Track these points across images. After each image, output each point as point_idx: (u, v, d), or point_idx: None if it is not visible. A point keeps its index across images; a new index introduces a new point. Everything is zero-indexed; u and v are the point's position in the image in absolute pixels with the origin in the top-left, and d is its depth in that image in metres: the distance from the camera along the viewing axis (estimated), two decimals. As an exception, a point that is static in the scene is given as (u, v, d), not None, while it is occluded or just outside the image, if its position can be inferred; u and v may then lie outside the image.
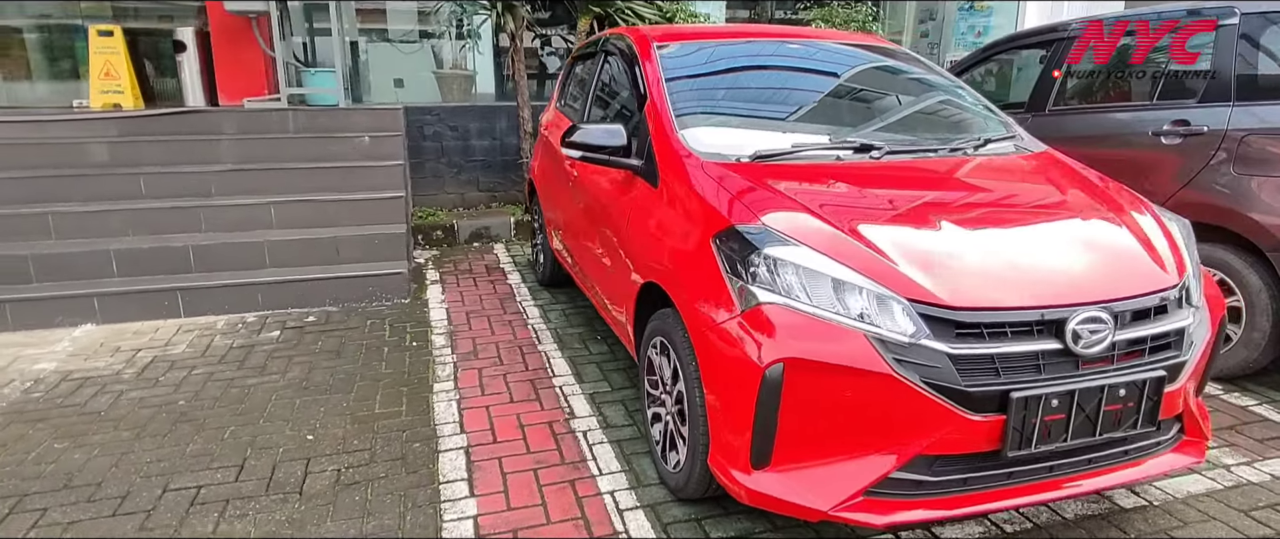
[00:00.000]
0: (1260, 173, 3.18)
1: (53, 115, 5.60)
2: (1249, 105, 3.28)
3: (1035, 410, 1.85)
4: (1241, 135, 3.25)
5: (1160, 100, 3.69)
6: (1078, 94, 4.19)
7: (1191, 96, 3.53)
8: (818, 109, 2.99)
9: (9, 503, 2.44)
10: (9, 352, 3.79)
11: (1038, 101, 4.31)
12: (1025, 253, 2.08)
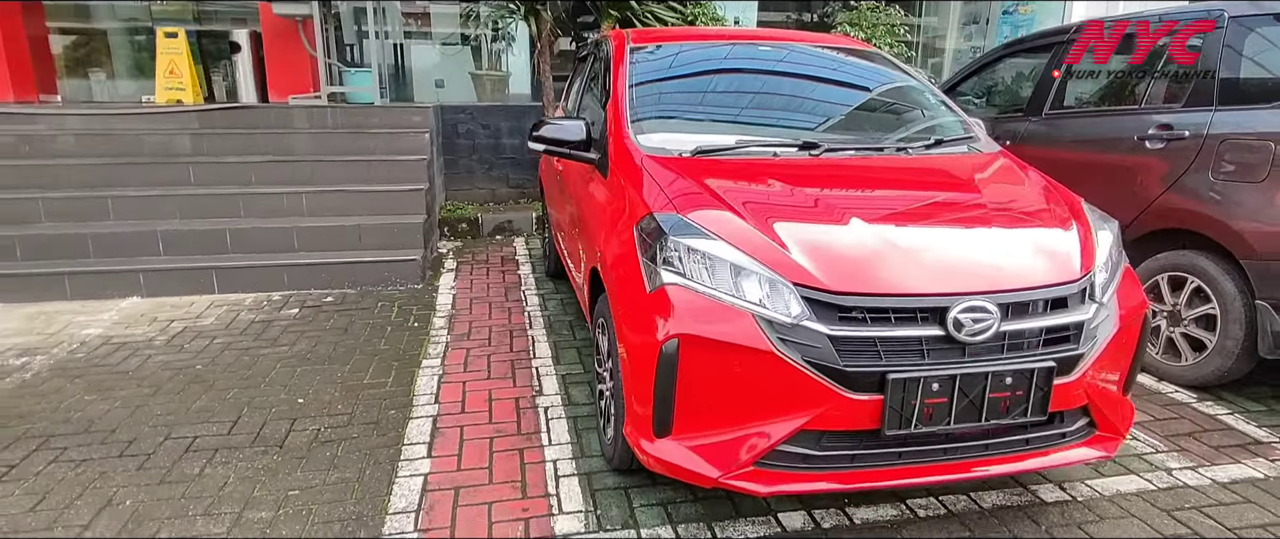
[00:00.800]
0: (1236, 179, 3.13)
1: (122, 110, 6.18)
2: (1229, 110, 3.23)
3: (914, 392, 1.95)
4: (1220, 140, 3.20)
5: (1148, 104, 3.65)
6: (1073, 98, 4.15)
7: (1177, 101, 3.48)
8: (776, 108, 3.11)
9: (37, 442, 2.81)
10: (64, 317, 4.26)
11: (1035, 105, 4.29)
12: (923, 246, 2.17)
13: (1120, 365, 2.28)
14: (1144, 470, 2.67)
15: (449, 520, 2.33)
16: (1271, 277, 2.97)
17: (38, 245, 4.78)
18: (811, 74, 3.37)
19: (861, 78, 3.38)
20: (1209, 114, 3.29)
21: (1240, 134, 3.14)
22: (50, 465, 2.65)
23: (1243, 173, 3.10)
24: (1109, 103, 3.95)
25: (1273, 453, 2.80)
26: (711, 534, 2.27)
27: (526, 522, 2.33)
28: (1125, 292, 2.30)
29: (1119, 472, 2.66)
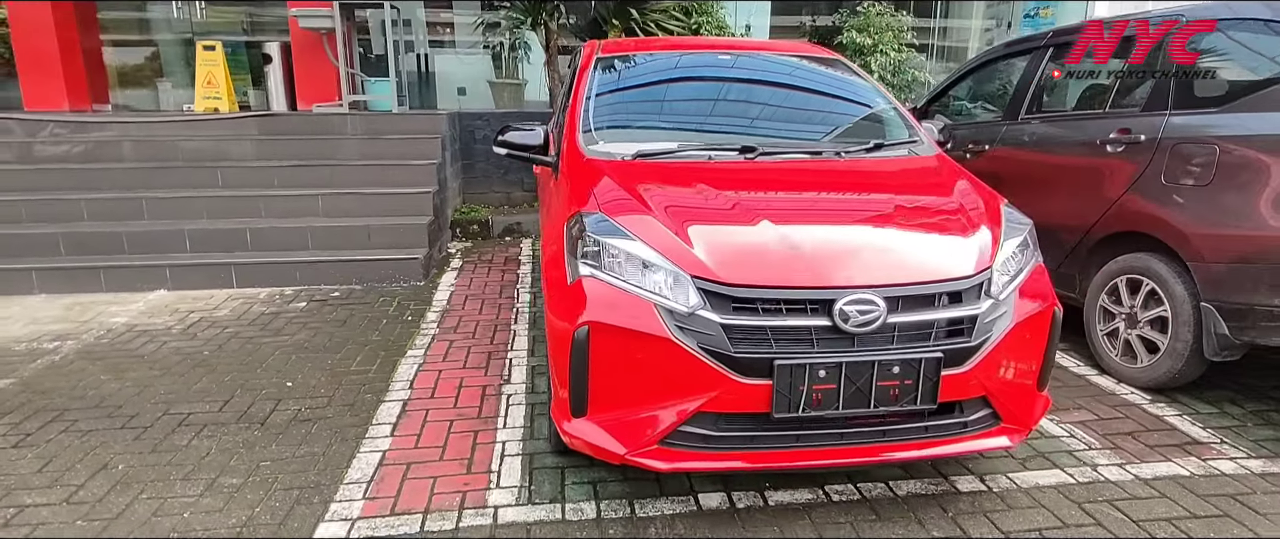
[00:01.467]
0: (1184, 181, 3.16)
1: (163, 118, 6.67)
2: (1182, 114, 3.26)
3: (801, 378, 2.09)
4: (1172, 144, 3.23)
5: (1112, 108, 3.68)
6: (1045, 102, 4.18)
7: (1137, 105, 3.51)
8: (727, 115, 3.27)
9: (53, 415, 3.15)
10: (96, 307, 4.67)
11: (1012, 110, 4.34)
12: (823, 243, 2.30)
13: (1027, 360, 2.37)
14: (1069, 465, 2.73)
15: (395, 491, 2.55)
16: (1215, 279, 3.00)
17: (79, 241, 5.22)
18: (770, 81, 3.52)
19: (816, 85, 3.52)
20: (1164, 118, 3.31)
21: (1188, 138, 3.17)
22: (60, 434, 2.97)
23: (1190, 176, 3.13)
24: (1076, 107, 3.98)
25: (1207, 453, 2.83)
26: (631, 511, 2.44)
27: (464, 494, 2.54)
28: (1032, 290, 2.39)
29: (1044, 466, 2.73)
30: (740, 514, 2.42)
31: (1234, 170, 2.97)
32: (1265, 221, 2.84)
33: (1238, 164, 2.96)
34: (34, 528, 2.34)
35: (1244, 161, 2.94)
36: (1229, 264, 2.95)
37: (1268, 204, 2.84)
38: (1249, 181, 2.92)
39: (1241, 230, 2.91)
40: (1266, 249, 2.83)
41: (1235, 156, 2.96)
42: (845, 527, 2.35)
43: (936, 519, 2.39)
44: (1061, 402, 3.27)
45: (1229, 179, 2.98)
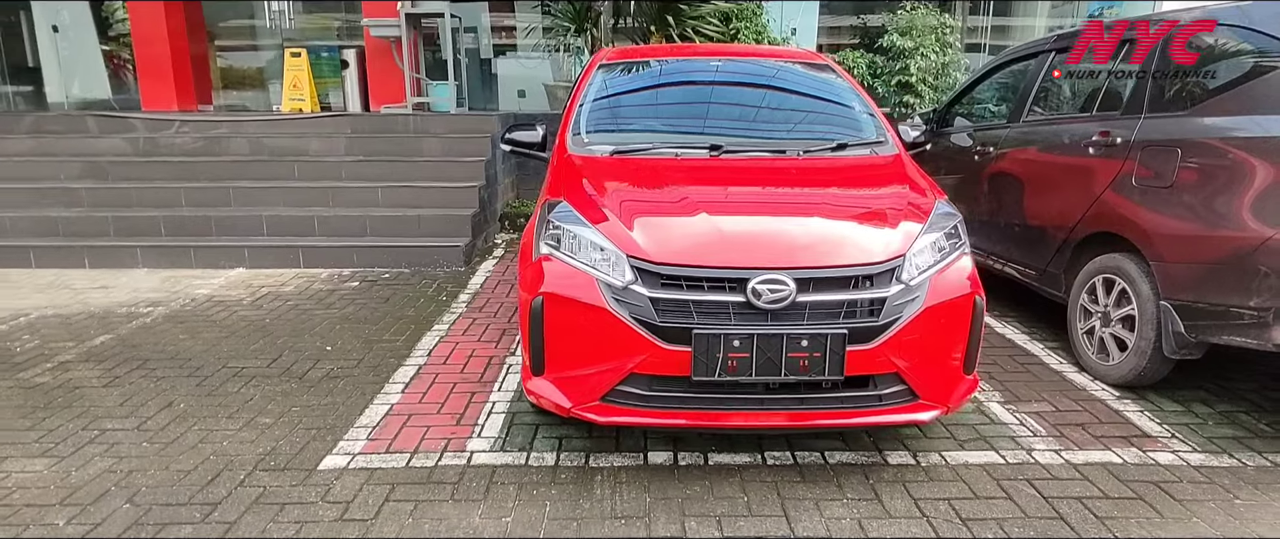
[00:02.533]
0: (1149, 184, 3.23)
1: (255, 117, 7.50)
2: (1154, 117, 3.32)
3: (717, 346, 2.38)
4: (1142, 146, 3.30)
5: (1099, 112, 3.74)
6: (1044, 104, 4.25)
7: (1118, 108, 3.58)
8: (707, 115, 3.57)
9: (137, 363, 3.79)
10: (185, 282, 5.41)
11: (1016, 112, 4.42)
12: (749, 231, 2.59)
13: (945, 343, 2.57)
14: (1006, 448, 2.89)
15: (393, 435, 3.00)
16: (1173, 279, 3.07)
17: (177, 224, 6.03)
18: (756, 85, 3.80)
19: (799, 88, 3.76)
20: (1138, 120, 3.38)
21: (1154, 140, 3.23)
22: (140, 378, 3.60)
23: (1154, 178, 3.20)
24: (1069, 110, 4.04)
25: (1151, 445, 2.92)
26: (585, 461, 2.79)
27: (449, 440, 2.96)
28: (952, 278, 2.59)
29: (980, 447, 2.90)
30: (680, 471, 2.73)
31: (1189, 173, 3.03)
32: (1212, 223, 2.90)
33: (1193, 167, 3.02)
34: (110, 446, 2.91)
35: (1197, 165, 3.01)
36: (1184, 264, 3.02)
37: (1214, 206, 2.91)
38: (1199, 184, 2.98)
39: (1193, 231, 2.98)
40: (1213, 249, 2.89)
41: (1190, 159, 3.03)
42: (770, 487, 2.62)
43: (856, 485, 2.63)
44: (1026, 394, 3.39)
45: (1185, 181, 3.05)
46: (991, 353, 3.91)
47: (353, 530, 2.36)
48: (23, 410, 3.24)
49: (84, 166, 6.65)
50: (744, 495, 2.55)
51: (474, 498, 2.55)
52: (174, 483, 2.64)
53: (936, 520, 2.41)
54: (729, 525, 2.38)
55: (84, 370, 3.70)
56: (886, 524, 2.39)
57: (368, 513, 2.45)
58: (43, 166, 6.72)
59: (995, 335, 4.20)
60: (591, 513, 2.45)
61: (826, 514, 2.45)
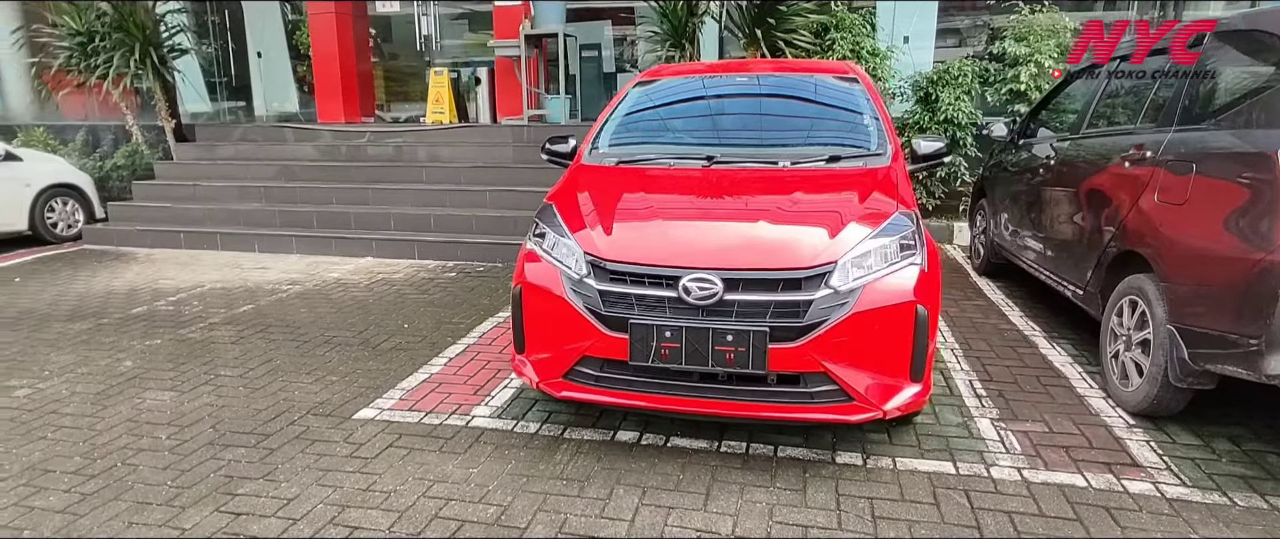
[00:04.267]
0: (1166, 201, 3.03)
1: (402, 129, 8.65)
2: (1182, 130, 3.10)
3: (651, 336, 2.67)
4: (1168, 161, 3.10)
5: (1141, 123, 3.52)
6: (1100, 117, 4.01)
7: (1154, 121, 3.36)
8: (718, 128, 3.81)
9: (261, 328, 4.71)
10: (323, 267, 6.46)
11: (1077, 123, 4.21)
12: (690, 234, 2.84)
13: (881, 348, 2.67)
14: (967, 461, 2.88)
15: (419, 398, 3.56)
16: (1178, 300, 2.88)
17: (326, 218, 7.17)
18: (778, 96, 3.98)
19: (817, 100, 3.88)
20: (1168, 134, 3.17)
21: (1177, 154, 3.03)
22: (258, 340, 4.48)
23: (1171, 195, 3.01)
24: (1119, 120, 3.79)
25: (1132, 474, 2.77)
26: (561, 433, 3.18)
27: (460, 406, 3.47)
28: (894, 286, 2.67)
29: (939, 457, 2.91)
30: (637, 449, 3.02)
31: (1200, 189, 2.83)
32: (1211, 242, 2.71)
33: (1205, 182, 2.82)
34: (217, 388, 3.73)
35: (1206, 180, 2.80)
36: (1188, 285, 2.83)
37: (1215, 224, 2.71)
38: (1206, 201, 2.78)
39: (1195, 250, 2.79)
40: (1211, 271, 2.70)
41: (1202, 175, 2.83)
42: (708, 470, 2.84)
43: (790, 477, 2.78)
44: (1027, 413, 3.29)
45: (1196, 198, 2.85)
46: (1020, 372, 3.77)
47: (354, 465, 2.91)
48: (172, 358, 4.20)
49: (267, 169, 8.07)
50: (680, 474, 2.81)
51: (456, 452, 3.02)
52: (247, 417, 3.37)
53: (847, 515, 2.52)
54: (650, 496, 2.66)
55: (223, 331, 4.67)
56: (795, 512, 2.55)
57: (371, 453, 3.01)
58: (235, 168, 8.23)
59: (1035, 356, 4.02)
60: (542, 473, 2.83)
61: (745, 497, 2.64)
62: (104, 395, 3.65)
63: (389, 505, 2.62)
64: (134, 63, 8.18)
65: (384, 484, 2.77)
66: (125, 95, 8.63)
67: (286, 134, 8.69)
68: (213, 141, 8.88)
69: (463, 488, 2.73)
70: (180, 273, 6.34)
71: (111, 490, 2.76)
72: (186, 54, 9.31)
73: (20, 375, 3.95)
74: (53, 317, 5.06)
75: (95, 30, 8.24)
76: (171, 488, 2.77)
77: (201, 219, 7.43)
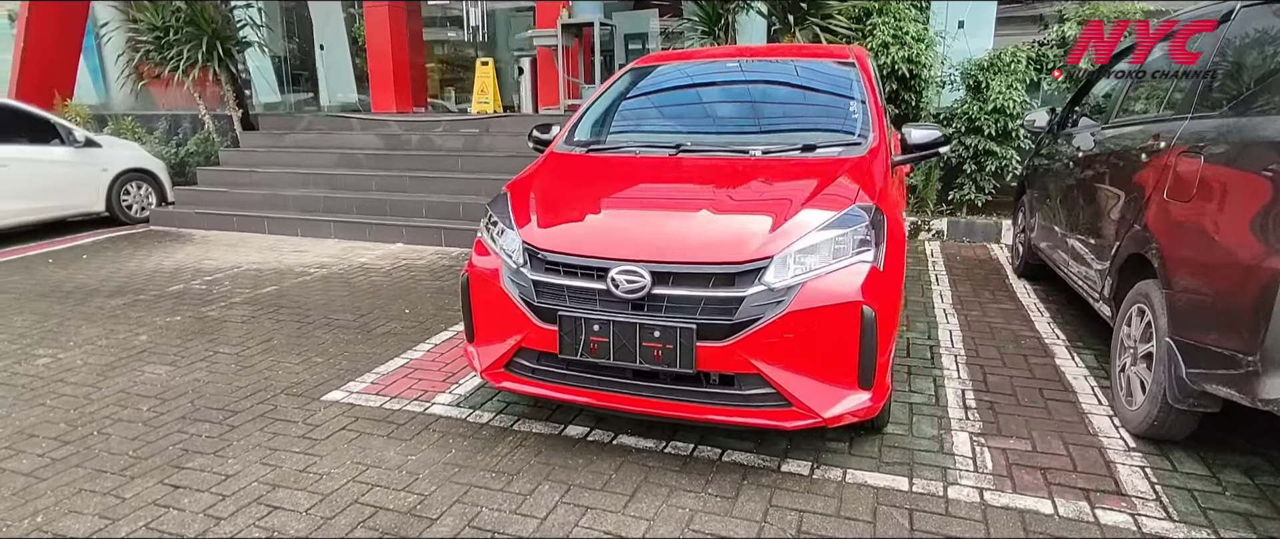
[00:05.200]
0: (1173, 197, 2.68)
1: (445, 118, 8.83)
2: (1197, 118, 2.73)
3: (580, 329, 2.57)
4: (1181, 151, 2.74)
5: (1163, 111, 3.13)
6: (1129, 107, 3.60)
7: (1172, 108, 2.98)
8: (699, 115, 3.66)
9: (274, 309, 4.89)
10: (355, 252, 6.67)
11: (1106, 113, 3.81)
12: (625, 225, 2.72)
13: (824, 351, 2.48)
14: (925, 477, 2.65)
15: (390, 383, 3.60)
16: (1179, 310, 2.54)
17: (364, 205, 7.40)
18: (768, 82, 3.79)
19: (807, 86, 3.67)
20: (1184, 121, 2.81)
21: (1187, 145, 2.67)
22: (267, 320, 4.66)
23: (1180, 190, 2.66)
24: (1135, 112, 3.39)
25: (1111, 502, 2.47)
26: (511, 425, 3.13)
27: (425, 393, 3.47)
28: (835, 285, 2.47)
29: (896, 472, 2.69)
30: (580, 445, 2.94)
31: (1208, 182, 2.49)
32: (1215, 243, 2.37)
33: (1212, 174, 2.47)
34: (211, 365, 3.89)
35: (1215, 172, 2.45)
36: (1189, 294, 2.50)
37: (1220, 222, 2.36)
38: (1212, 195, 2.43)
39: (1196, 254, 2.45)
40: (1214, 276, 2.36)
41: (1213, 165, 2.48)
42: (642, 470, 2.73)
43: (724, 484, 2.63)
44: (1014, 429, 3.01)
45: (1202, 192, 2.50)
46: (1023, 383, 3.46)
47: (301, 446, 2.96)
48: (183, 333, 4.42)
49: (317, 157, 8.41)
50: (613, 473, 2.71)
51: (403, 438, 3.03)
52: (225, 394, 3.50)
53: (770, 527, 2.36)
54: (572, 494, 2.57)
55: (239, 310, 4.88)
56: (715, 521, 2.40)
57: (322, 435, 3.06)
58: (288, 156, 8.61)
59: (1048, 367, 3.67)
60: (476, 464, 2.79)
61: (670, 502, 2.52)
62: (110, 367, 3.87)
63: (316, 487, 2.65)
64: (201, 56, 8.67)
65: (321, 467, 2.80)
66: (198, 86, 9.18)
67: (348, 123, 9.03)
68: (275, 131, 9.33)
69: (392, 475, 2.73)
70: (225, 254, 6.68)
71: (77, 457, 2.90)
72: (251, 47, 9.79)
73: (48, 345, 4.24)
74: (99, 291, 5.43)
75: (170, 25, 8.78)
76: (130, 458, 2.89)
77: (253, 204, 7.82)
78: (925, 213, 7.05)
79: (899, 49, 6.60)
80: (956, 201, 7.14)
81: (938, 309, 4.65)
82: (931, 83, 6.96)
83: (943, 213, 7.08)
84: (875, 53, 6.63)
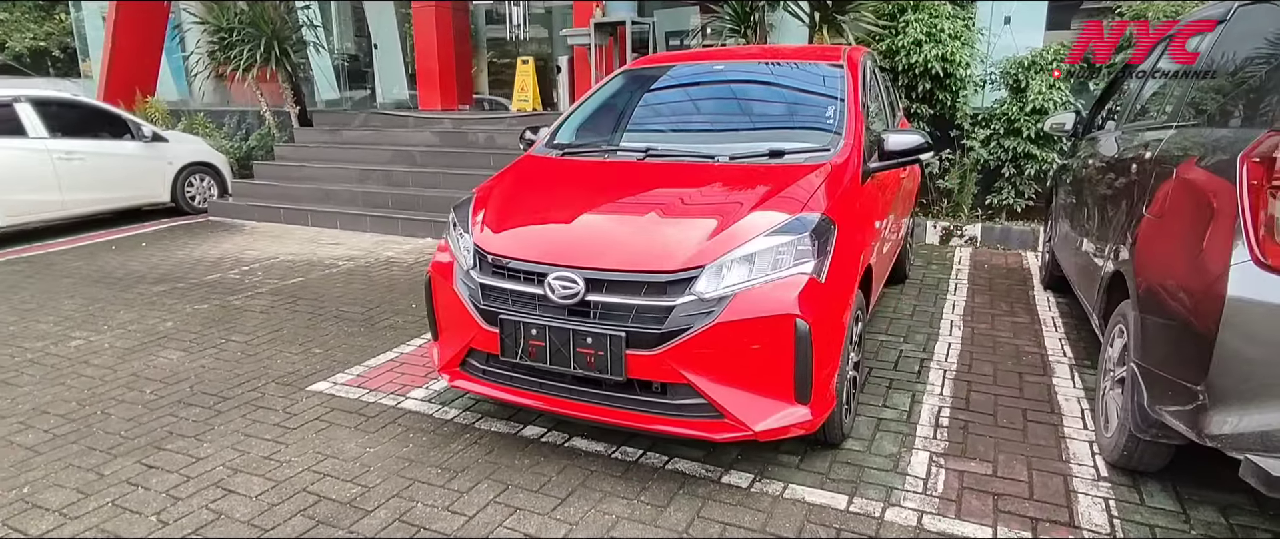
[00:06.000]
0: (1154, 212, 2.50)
1: (485, 115, 9.04)
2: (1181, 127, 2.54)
3: (519, 332, 2.61)
4: (1161, 163, 2.55)
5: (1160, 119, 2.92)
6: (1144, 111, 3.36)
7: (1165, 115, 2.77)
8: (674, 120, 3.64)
9: (293, 300, 5.14)
10: (385, 246, 6.92)
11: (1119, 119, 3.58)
12: (568, 231, 2.72)
13: (756, 363, 2.44)
14: (868, 495, 2.57)
15: (373, 376, 3.74)
16: (1146, 333, 2.37)
17: (400, 201, 7.67)
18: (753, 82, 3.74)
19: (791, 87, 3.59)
20: (1169, 131, 2.61)
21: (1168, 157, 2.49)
22: (283, 310, 4.90)
23: (1157, 205, 2.47)
24: (1147, 115, 3.16)
25: (1056, 533, 2.34)
26: (474, 422, 3.20)
27: (403, 387, 3.59)
28: (769, 297, 2.42)
29: (840, 489, 2.62)
30: (532, 446, 2.98)
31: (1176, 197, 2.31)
32: (1174, 262, 2.20)
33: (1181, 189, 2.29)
34: (219, 352, 4.14)
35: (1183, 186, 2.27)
36: (1152, 315, 2.33)
37: (1181, 240, 2.19)
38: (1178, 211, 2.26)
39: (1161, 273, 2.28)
40: (1170, 298, 2.19)
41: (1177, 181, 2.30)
42: (583, 474, 2.75)
43: (659, 492, 2.61)
44: (980, 451, 2.87)
45: (1171, 207, 2.32)
46: (1008, 403, 3.29)
47: (272, 434, 3.12)
48: (205, 321, 4.70)
49: (364, 153, 8.75)
50: (555, 476, 2.74)
51: (368, 430, 3.14)
52: (222, 379, 3.71)
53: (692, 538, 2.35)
54: (507, 494, 2.62)
55: (261, 300, 5.15)
56: (638, 528, 2.40)
57: (295, 424, 3.21)
58: (337, 151, 8.99)
59: (1041, 386, 3.48)
60: (427, 460, 2.88)
61: (599, 507, 2.53)
62: (131, 351, 4.16)
63: (272, 474, 2.79)
64: (261, 55, 9.15)
65: (284, 455, 2.94)
66: (259, 83, 9.69)
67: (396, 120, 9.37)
68: (328, 127, 9.76)
69: (346, 466, 2.84)
70: (267, 245, 7.06)
71: (76, 434, 3.15)
72: (307, 47, 10.26)
73: (86, 328, 4.60)
74: (145, 278, 5.83)
75: (232, 26, 9.30)
76: (120, 437, 3.11)
77: (300, 197, 8.21)
78: (959, 218, 6.77)
79: (932, 47, 6.35)
80: (995, 206, 6.82)
81: (944, 320, 4.47)
82: (969, 82, 6.67)
83: (978, 218, 6.78)
84: (906, 51, 6.41)
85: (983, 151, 6.65)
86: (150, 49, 11.31)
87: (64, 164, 7.46)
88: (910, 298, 4.94)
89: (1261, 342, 1.84)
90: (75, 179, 7.58)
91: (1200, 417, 2.00)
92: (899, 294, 5.01)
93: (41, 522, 2.51)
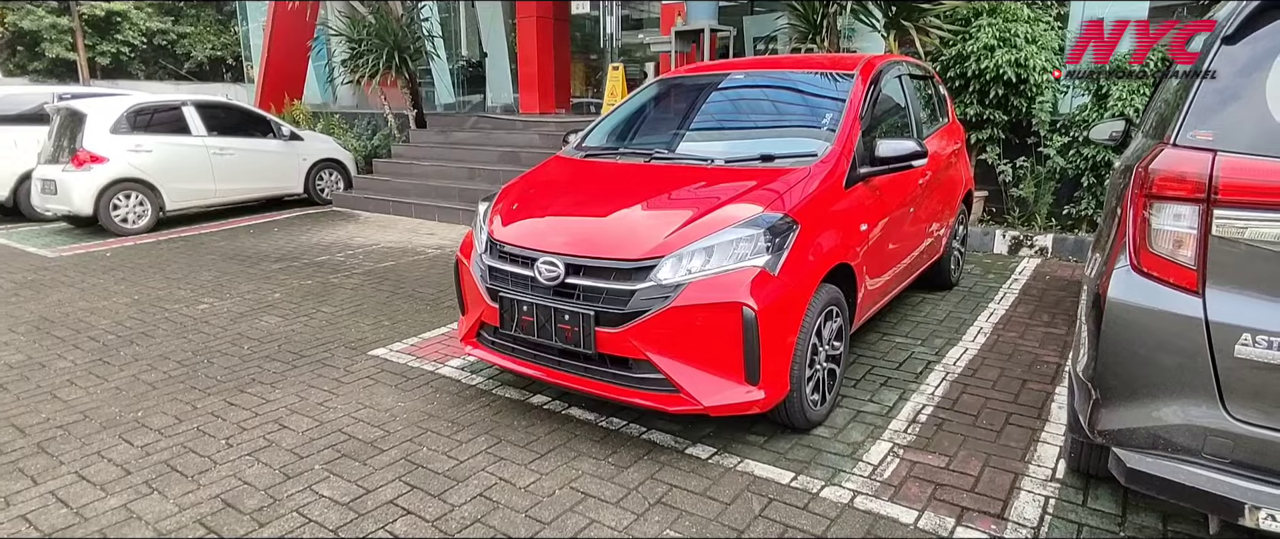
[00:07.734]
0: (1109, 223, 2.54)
1: (577, 118, 9.62)
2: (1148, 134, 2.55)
3: (513, 309, 3.04)
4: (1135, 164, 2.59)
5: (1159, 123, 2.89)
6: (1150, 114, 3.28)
7: (1146, 123, 2.76)
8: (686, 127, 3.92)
9: (377, 279, 5.87)
10: (422, 234, 7.62)
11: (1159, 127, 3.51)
12: (556, 223, 3.11)
13: (709, 345, 2.72)
14: (813, 474, 2.77)
15: (422, 347, 4.30)
16: (1079, 336, 2.44)
17: (465, 194, 8.37)
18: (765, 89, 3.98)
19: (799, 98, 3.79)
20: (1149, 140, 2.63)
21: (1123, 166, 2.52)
22: (368, 288, 5.62)
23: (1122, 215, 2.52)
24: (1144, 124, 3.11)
25: (979, 524, 2.45)
26: (490, 388, 3.66)
27: (444, 357, 4.12)
28: (721, 285, 2.69)
29: (790, 467, 2.83)
30: (535, 411, 3.39)
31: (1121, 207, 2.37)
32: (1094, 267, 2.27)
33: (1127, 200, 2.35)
34: (309, 320, 4.86)
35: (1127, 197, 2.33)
36: (1084, 322, 2.39)
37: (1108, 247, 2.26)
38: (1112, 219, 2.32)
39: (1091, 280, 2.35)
40: (1089, 304, 2.26)
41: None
42: (567, 435, 3.12)
43: (625, 457, 2.93)
44: (944, 445, 2.99)
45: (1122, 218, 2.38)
46: (996, 405, 3.35)
47: (329, 387, 3.72)
48: (305, 294, 5.49)
49: (470, 152, 9.58)
50: (542, 436, 3.14)
51: (404, 389, 3.68)
52: (304, 342, 4.40)
53: (632, 497, 2.66)
54: (497, 447, 3.04)
55: (355, 279, 5.92)
56: (593, 483, 2.75)
57: (351, 380, 3.80)
58: (445, 150, 9.88)
59: (1038, 393, 3.49)
60: (445, 415, 3.36)
61: (571, 464, 2.90)
62: (243, 315, 4.98)
63: (319, 417, 3.37)
64: (384, 63, 10.21)
65: (332, 403, 3.52)
66: (384, 88, 10.80)
67: (501, 122, 10.17)
68: (440, 128, 10.72)
69: (377, 414, 3.38)
70: (373, 233, 7.95)
71: (185, 376, 3.90)
72: (423, 55, 11.28)
73: (214, 295, 5.51)
74: (269, 257, 6.80)
75: (361, 36, 10.44)
76: (216, 381, 3.83)
77: (407, 192, 9.13)
78: (1032, 227, 6.55)
79: (1005, 52, 6.22)
80: (1074, 217, 6.55)
81: (973, 327, 4.48)
82: (1046, 87, 6.45)
83: (1052, 228, 6.53)
84: (976, 57, 6.30)
85: (1060, 159, 6.41)
86: (297, 56, 12.82)
87: (218, 158, 8.73)
88: (949, 304, 4.95)
89: (1135, 343, 1.92)
90: (226, 171, 8.84)
91: (1094, 414, 2.09)
92: (939, 300, 5.02)
93: (145, 437, 3.20)
